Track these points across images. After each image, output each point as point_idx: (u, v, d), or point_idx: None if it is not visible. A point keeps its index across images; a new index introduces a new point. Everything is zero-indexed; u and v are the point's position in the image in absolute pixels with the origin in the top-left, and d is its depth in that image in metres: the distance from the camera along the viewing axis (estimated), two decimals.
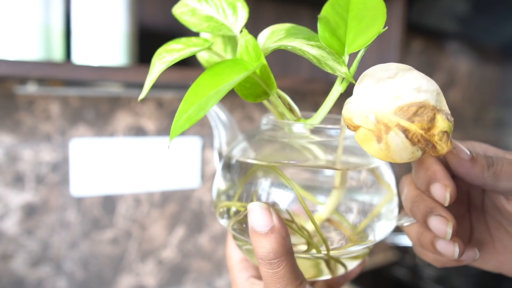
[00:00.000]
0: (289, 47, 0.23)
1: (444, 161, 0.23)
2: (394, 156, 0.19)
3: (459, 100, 1.37)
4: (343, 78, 0.23)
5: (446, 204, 0.22)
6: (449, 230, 0.22)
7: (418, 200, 0.24)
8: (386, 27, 0.21)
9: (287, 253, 0.21)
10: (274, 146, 0.27)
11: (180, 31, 0.72)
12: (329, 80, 0.72)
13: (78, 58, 0.51)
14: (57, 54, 0.50)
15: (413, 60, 1.16)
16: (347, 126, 0.20)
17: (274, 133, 0.27)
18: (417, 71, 0.20)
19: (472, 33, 1.17)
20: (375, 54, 0.77)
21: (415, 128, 0.19)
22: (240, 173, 0.27)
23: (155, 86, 0.65)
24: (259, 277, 0.28)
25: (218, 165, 0.30)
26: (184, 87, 0.56)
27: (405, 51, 1.12)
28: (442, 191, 0.22)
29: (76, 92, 0.64)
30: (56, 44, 0.49)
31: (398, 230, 0.28)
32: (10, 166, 0.62)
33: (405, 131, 0.19)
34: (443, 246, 0.23)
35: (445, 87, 1.30)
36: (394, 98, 0.19)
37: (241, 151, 0.27)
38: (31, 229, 0.64)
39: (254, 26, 0.63)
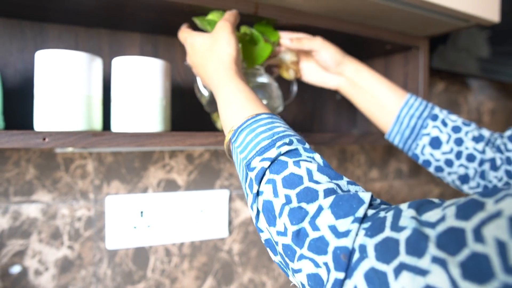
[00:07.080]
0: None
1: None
2: (292, 77, 0.67)
3: None
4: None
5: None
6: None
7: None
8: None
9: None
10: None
11: None
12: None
13: (116, 125, 0.53)
14: (97, 122, 0.52)
15: (437, 98, 1.16)
16: (279, 67, 0.67)
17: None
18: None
19: (492, 71, 1.18)
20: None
21: (294, 68, 0.66)
22: None
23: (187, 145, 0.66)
24: None
25: (204, 90, 0.62)
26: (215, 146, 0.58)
27: (429, 91, 1.12)
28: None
29: (111, 149, 0.67)
30: (96, 113, 0.52)
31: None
32: (47, 223, 0.64)
33: (292, 68, 0.66)
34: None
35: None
36: (290, 58, 0.66)
37: None
38: (66, 285, 0.65)
39: None
